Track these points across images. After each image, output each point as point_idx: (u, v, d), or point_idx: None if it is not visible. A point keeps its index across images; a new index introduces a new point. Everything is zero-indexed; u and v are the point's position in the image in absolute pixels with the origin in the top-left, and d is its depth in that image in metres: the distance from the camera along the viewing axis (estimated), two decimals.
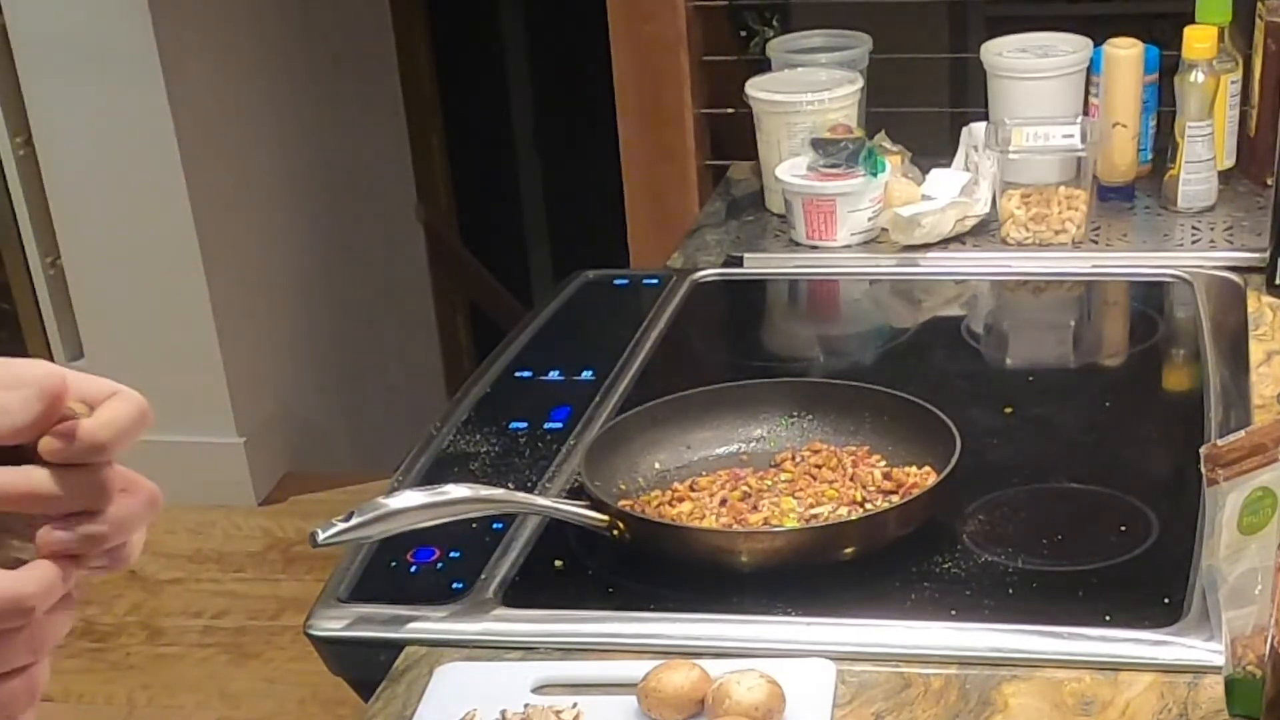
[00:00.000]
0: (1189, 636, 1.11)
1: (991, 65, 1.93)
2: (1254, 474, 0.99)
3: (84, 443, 0.64)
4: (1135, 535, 1.26)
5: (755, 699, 1.04)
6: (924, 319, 1.78)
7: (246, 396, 3.33)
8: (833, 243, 1.85)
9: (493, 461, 1.42)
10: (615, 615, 1.20)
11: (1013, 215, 1.83)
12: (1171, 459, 1.38)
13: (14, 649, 0.65)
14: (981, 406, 1.47)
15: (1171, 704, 1.06)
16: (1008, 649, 1.13)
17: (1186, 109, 1.83)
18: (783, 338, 1.84)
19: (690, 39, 2.51)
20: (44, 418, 0.64)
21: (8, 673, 0.65)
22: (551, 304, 1.77)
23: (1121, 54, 1.86)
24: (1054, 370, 1.68)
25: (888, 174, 1.86)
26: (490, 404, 1.53)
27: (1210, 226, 1.84)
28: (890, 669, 1.12)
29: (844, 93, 1.91)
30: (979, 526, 1.28)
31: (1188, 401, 1.48)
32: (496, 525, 1.29)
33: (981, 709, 1.08)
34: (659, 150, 2.52)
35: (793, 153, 1.90)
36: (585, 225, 3.42)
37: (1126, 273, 1.78)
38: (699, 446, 1.39)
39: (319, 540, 1.16)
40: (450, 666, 1.15)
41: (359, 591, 1.24)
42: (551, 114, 4.51)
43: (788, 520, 1.26)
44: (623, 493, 1.33)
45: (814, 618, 1.17)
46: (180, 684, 2.79)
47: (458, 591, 1.22)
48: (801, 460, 1.36)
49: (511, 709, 1.08)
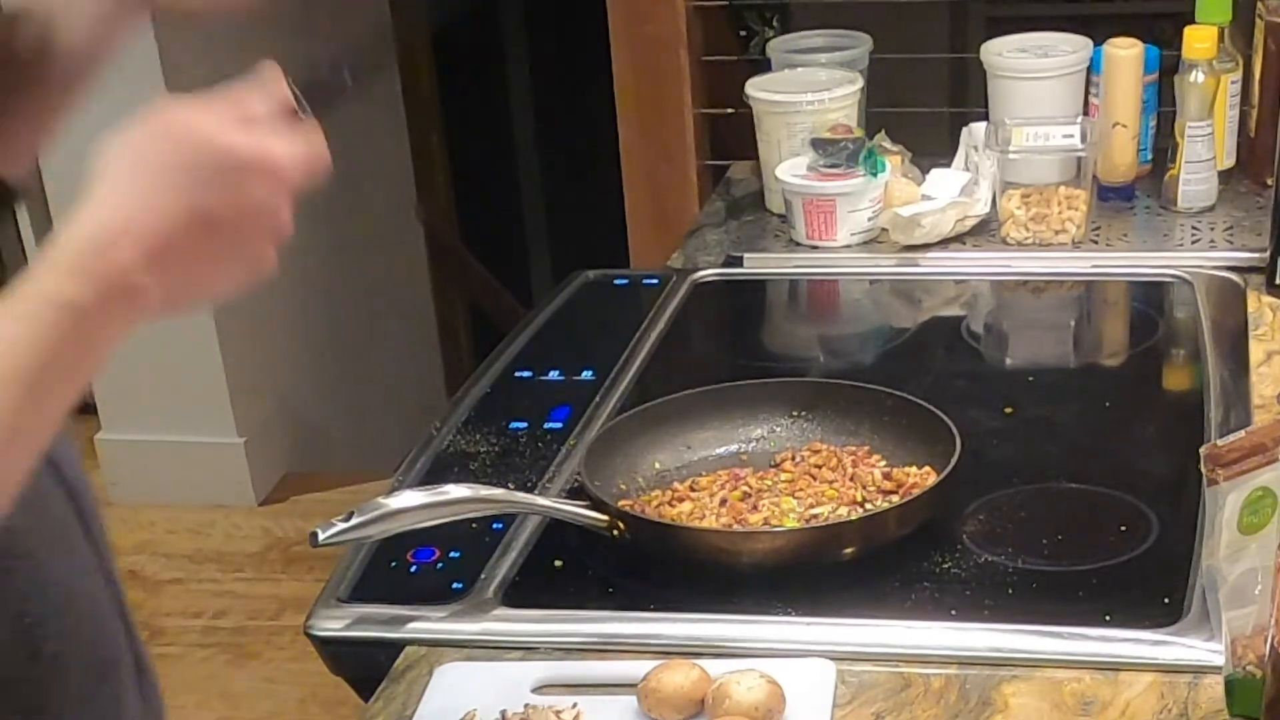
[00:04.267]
0: (1189, 636, 1.11)
1: (991, 65, 1.93)
2: (1254, 474, 0.99)
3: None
4: (1135, 535, 1.26)
5: (755, 699, 1.04)
6: (924, 319, 1.78)
7: (246, 396, 3.33)
8: (833, 243, 1.85)
9: (493, 461, 1.42)
10: (615, 615, 1.20)
11: (1013, 215, 1.83)
12: (1171, 459, 1.38)
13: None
14: (981, 406, 1.47)
15: (1171, 704, 1.06)
16: (1008, 649, 1.13)
17: (1186, 109, 1.82)
18: (783, 338, 1.84)
19: (690, 39, 2.51)
20: None
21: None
22: (551, 304, 1.77)
23: (1121, 54, 1.86)
24: (1054, 370, 1.68)
25: (888, 174, 1.86)
26: (490, 404, 1.53)
27: (1210, 226, 1.84)
28: (890, 669, 1.12)
29: (844, 93, 1.91)
30: (979, 526, 1.28)
31: (1188, 401, 1.48)
32: (496, 525, 1.29)
33: (981, 709, 1.08)
34: (659, 150, 2.52)
35: (793, 153, 1.90)
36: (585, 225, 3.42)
37: (1126, 273, 1.78)
38: (699, 446, 1.39)
39: (319, 540, 1.16)
40: (450, 666, 1.15)
41: (359, 591, 1.24)
42: (551, 114, 4.51)
43: (788, 520, 1.26)
44: (623, 493, 1.33)
45: (814, 618, 1.17)
46: (180, 684, 2.79)
47: (458, 591, 1.22)
48: (801, 460, 1.36)
49: (511, 709, 1.08)
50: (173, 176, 0.82)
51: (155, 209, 0.81)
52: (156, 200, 0.81)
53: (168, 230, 0.81)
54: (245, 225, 0.84)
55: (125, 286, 0.81)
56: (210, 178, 0.82)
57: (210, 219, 0.82)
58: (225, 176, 0.82)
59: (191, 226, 0.82)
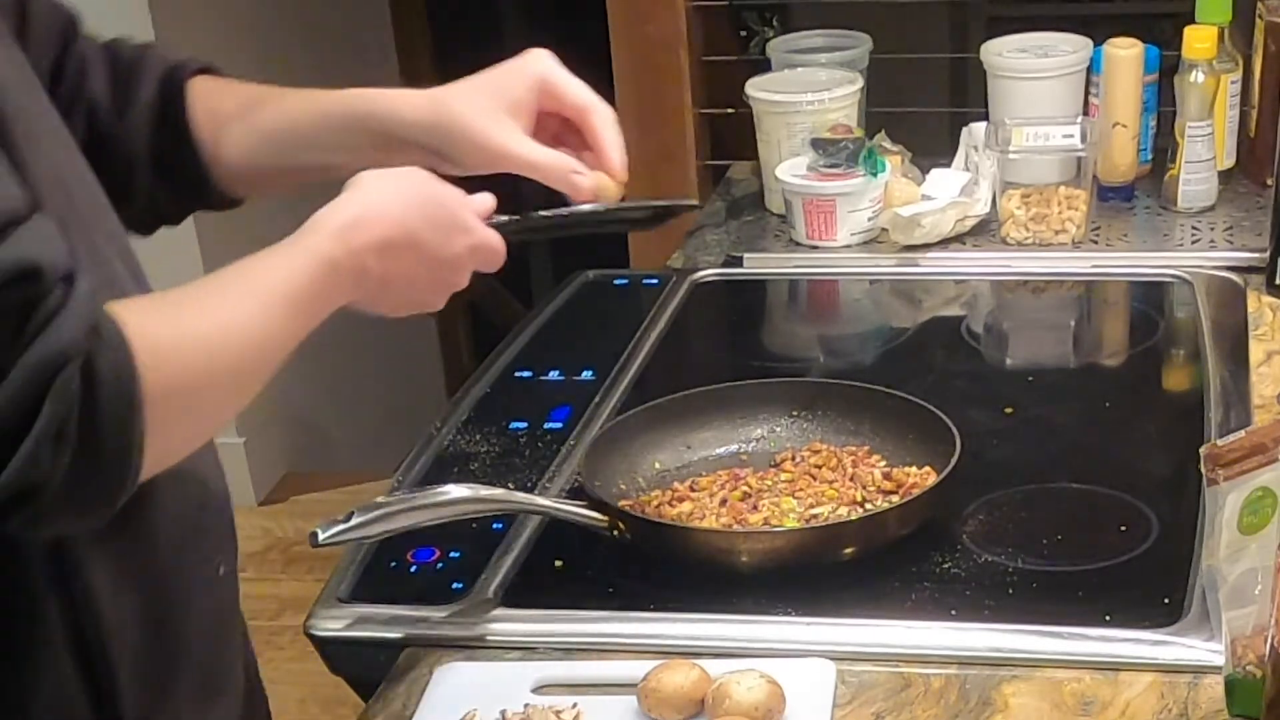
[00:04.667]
0: (1189, 636, 1.11)
1: (991, 65, 1.93)
2: (1254, 474, 0.99)
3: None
4: (1135, 535, 1.26)
5: (755, 699, 1.04)
6: (924, 319, 1.78)
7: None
8: (833, 243, 1.85)
9: (493, 461, 1.42)
10: (615, 615, 1.20)
11: (1013, 215, 1.83)
12: (1171, 459, 1.38)
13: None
14: (981, 406, 1.47)
15: (1171, 704, 1.06)
16: (1008, 649, 1.13)
17: (1186, 109, 1.82)
18: (783, 338, 1.84)
19: (690, 39, 2.51)
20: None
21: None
22: (551, 304, 1.77)
23: (1121, 54, 1.86)
24: (1054, 370, 1.68)
25: (888, 174, 1.86)
26: (490, 404, 1.53)
27: (1210, 226, 1.84)
28: (890, 669, 1.12)
29: (844, 93, 1.91)
30: (979, 526, 1.28)
31: (1188, 401, 1.48)
32: (496, 525, 1.29)
33: (981, 709, 1.08)
34: (659, 150, 2.52)
35: (793, 153, 1.90)
36: None
37: (1126, 273, 1.78)
38: (699, 446, 1.39)
39: (319, 540, 1.16)
40: (450, 666, 1.15)
41: (359, 591, 1.24)
42: None
43: (788, 520, 1.26)
44: (623, 493, 1.33)
45: (814, 618, 1.17)
46: None
47: (458, 591, 1.22)
48: (801, 460, 1.36)
49: (511, 709, 1.08)
50: (413, 206, 1.07)
51: (394, 218, 1.06)
52: (397, 213, 1.06)
53: (396, 236, 1.05)
54: (440, 268, 1.09)
55: (359, 264, 1.04)
56: (437, 221, 1.08)
57: (422, 248, 1.07)
58: (446, 227, 1.09)
59: (410, 244, 1.06)
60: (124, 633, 1.00)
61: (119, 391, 0.86)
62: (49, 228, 0.88)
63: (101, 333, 0.86)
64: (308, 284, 1.01)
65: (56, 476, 0.85)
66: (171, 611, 1.04)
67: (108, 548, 0.98)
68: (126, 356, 0.87)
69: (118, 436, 0.87)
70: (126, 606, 1.00)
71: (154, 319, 0.92)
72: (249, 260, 1.01)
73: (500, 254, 1.13)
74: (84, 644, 0.98)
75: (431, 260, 1.08)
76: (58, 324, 0.84)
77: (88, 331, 0.85)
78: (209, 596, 1.09)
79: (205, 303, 0.97)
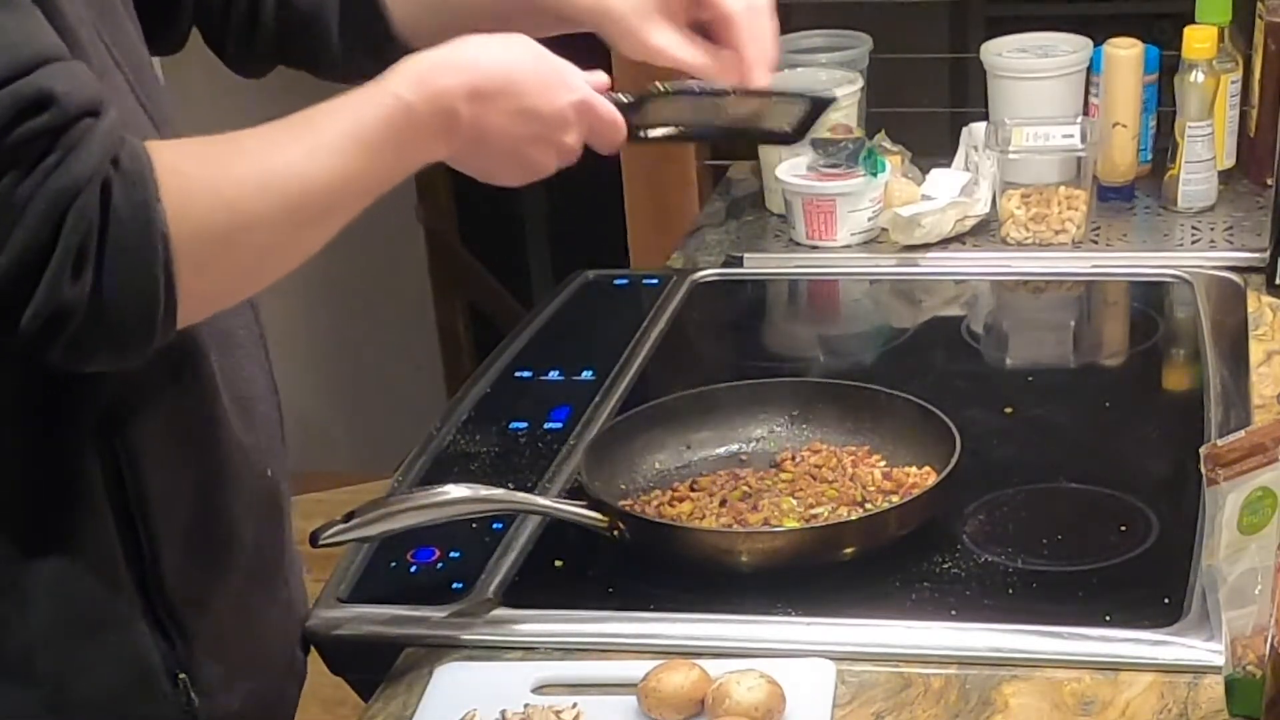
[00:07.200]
0: (1189, 636, 1.11)
1: (991, 65, 1.93)
2: (1254, 474, 0.99)
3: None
4: (1135, 535, 1.26)
5: (755, 699, 1.04)
6: (924, 319, 1.78)
7: None
8: (833, 243, 1.85)
9: (493, 461, 1.42)
10: (615, 615, 1.20)
11: (1013, 215, 1.83)
12: (1171, 459, 1.38)
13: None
14: (981, 406, 1.47)
15: (1171, 704, 1.06)
16: (1008, 649, 1.13)
17: (1186, 109, 1.82)
18: (783, 338, 1.84)
19: None
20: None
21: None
22: (551, 304, 1.77)
23: (1121, 54, 1.86)
24: (1054, 370, 1.68)
25: (888, 174, 1.86)
26: (490, 404, 1.53)
27: (1210, 226, 1.84)
28: (890, 669, 1.12)
29: (844, 93, 1.91)
30: (979, 526, 1.28)
31: (1188, 401, 1.48)
32: (496, 525, 1.29)
33: (981, 709, 1.08)
34: (659, 150, 2.51)
35: (793, 153, 1.90)
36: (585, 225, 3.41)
37: (1126, 273, 1.78)
38: (699, 446, 1.39)
39: (319, 540, 1.16)
40: (450, 666, 1.15)
41: (359, 591, 1.24)
42: None
43: (788, 520, 1.26)
44: (623, 493, 1.33)
45: (814, 618, 1.17)
46: None
47: (458, 591, 1.22)
48: (801, 460, 1.36)
49: (511, 709, 1.08)
50: (512, 57, 1.05)
51: (487, 67, 1.03)
52: (491, 62, 1.04)
53: (488, 84, 1.03)
54: (543, 123, 1.06)
55: (445, 107, 1.01)
56: (539, 73, 1.06)
57: (521, 97, 1.04)
58: (548, 79, 1.06)
59: (505, 91, 1.04)
60: (170, 502, 1.01)
61: (136, 216, 0.88)
62: (80, 67, 0.89)
63: (121, 162, 0.88)
64: (378, 124, 1.00)
65: (83, 300, 0.87)
66: (221, 491, 1.06)
67: (156, 409, 0.99)
68: (146, 183, 0.89)
69: (141, 261, 0.89)
70: (172, 476, 1.01)
71: (191, 159, 0.94)
72: (321, 105, 1.01)
73: (611, 122, 1.10)
74: (124, 502, 0.99)
75: (531, 113, 1.05)
76: (78, 153, 0.87)
77: (107, 161, 0.87)
78: (259, 489, 1.10)
79: (253, 144, 0.97)
